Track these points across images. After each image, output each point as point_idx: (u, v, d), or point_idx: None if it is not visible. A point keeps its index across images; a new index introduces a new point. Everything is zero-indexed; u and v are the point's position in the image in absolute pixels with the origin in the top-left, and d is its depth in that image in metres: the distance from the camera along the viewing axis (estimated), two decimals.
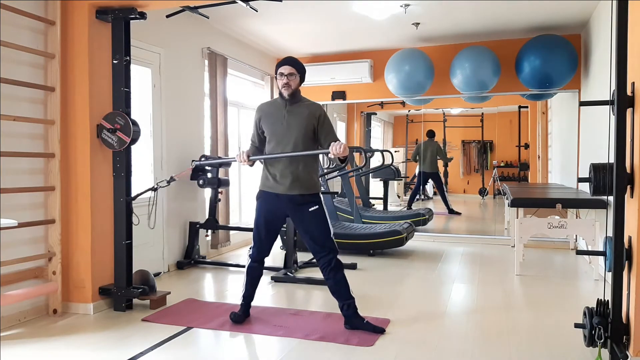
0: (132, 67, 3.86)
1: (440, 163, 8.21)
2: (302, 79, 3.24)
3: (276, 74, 3.22)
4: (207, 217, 5.39)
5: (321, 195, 3.30)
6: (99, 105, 3.68)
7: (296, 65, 3.20)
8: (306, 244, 3.29)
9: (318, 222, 3.20)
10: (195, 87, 5.48)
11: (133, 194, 3.80)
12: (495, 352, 2.88)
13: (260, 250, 3.34)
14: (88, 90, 3.60)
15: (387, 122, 9.03)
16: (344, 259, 3.33)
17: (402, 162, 8.84)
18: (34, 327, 3.32)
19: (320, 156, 6.18)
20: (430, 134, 7.99)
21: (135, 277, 3.82)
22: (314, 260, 5.04)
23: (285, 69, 3.16)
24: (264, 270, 4.93)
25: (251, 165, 3.27)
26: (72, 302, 3.65)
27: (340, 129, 8.36)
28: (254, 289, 3.43)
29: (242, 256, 5.82)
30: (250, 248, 3.40)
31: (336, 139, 3.13)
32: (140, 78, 4.67)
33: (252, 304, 3.49)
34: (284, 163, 3.18)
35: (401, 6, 5.04)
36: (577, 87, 6.09)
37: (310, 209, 3.20)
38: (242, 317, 3.36)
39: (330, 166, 6.34)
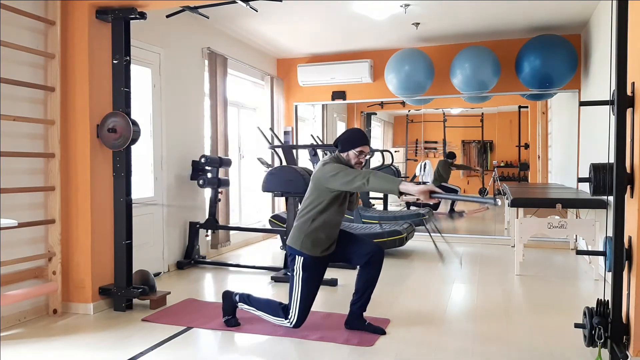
0: (132, 67, 3.86)
1: (453, 173, 8.28)
2: None
3: (351, 147, 3.09)
4: (207, 217, 5.39)
5: None
6: (99, 105, 3.68)
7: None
8: (351, 257, 3.21)
9: (349, 234, 3.26)
10: (195, 87, 5.48)
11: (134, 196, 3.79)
12: (495, 352, 2.88)
13: (307, 314, 3.17)
14: (88, 90, 3.60)
15: (387, 122, 9.03)
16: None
17: (402, 162, 8.84)
18: (34, 327, 3.32)
19: (320, 155, 6.19)
20: (449, 155, 8.11)
21: (135, 277, 3.82)
22: None
23: (366, 149, 3.13)
24: (263, 270, 4.96)
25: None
26: (72, 302, 3.65)
27: (340, 129, 8.37)
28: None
29: (242, 256, 5.82)
30: (289, 317, 3.13)
31: None
32: (140, 78, 4.67)
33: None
34: (340, 222, 3.19)
35: (401, 6, 5.04)
36: (577, 87, 6.10)
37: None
38: (237, 320, 3.35)
39: None
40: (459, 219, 8.31)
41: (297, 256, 3.10)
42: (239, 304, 3.31)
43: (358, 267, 3.23)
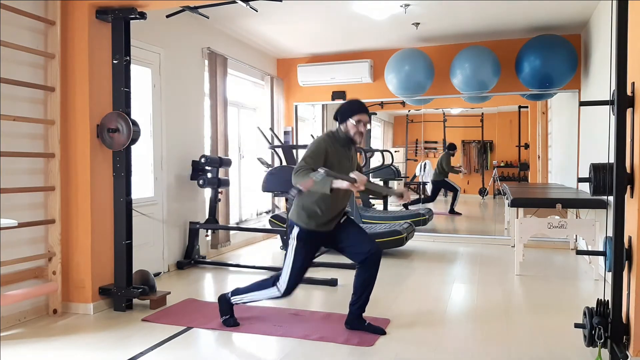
0: (132, 67, 3.86)
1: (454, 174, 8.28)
2: None
3: (349, 116, 3.07)
4: (207, 217, 5.39)
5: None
6: (99, 105, 3.68)
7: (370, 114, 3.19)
8: (350, 252, 3.22)
9: (354, 226, 3.26)
10: (195, 87, 5.48)
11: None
12: (495, 352, 2.88)
13: (297, 286, 3.21)
14: (88, 90, 3.60)
15: (387, 122, 9.03)
16: (344, 258, 3.32)
17: (402, 162, 8.84)
18: (34, 327, 3.32)
19: None
20: (449, 146, 8.08)
21: (135, 277, 3.82)
22: (314, 260, 5.05)
23: (365, 117, 3.09)
24: (263, 270, 4.96)
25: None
26: (72, 302, 3.65)
27: None
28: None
29: (242, 256, 5.82)
30: (277, 284, 3.17)
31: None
32: (140, 78, 4.67)
33: (253, 304, 3.49)
34: (340, 202, 3.16)
35: (401, 6, 5.04)
36: (577, 87, 6.10)
37: (341, 221, 3.24)
38: (235, 320, 3.35)
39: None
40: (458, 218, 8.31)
41: (294, 227, 3.16)
42: (232, 298, 3.32)
43: (356, 267, 3.22)
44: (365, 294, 3.19)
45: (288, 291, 3.16)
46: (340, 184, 2.79)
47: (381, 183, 8.18)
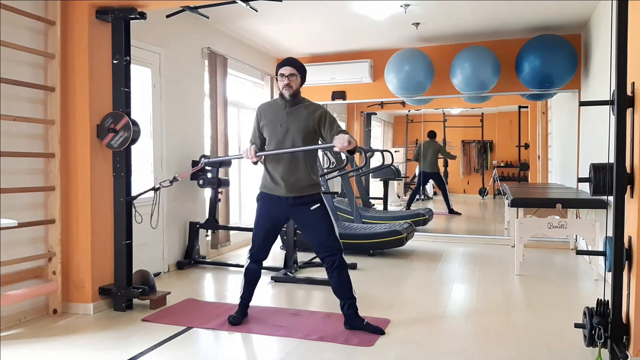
0: (132, 67, 3.86)
1: (440, 163, 8.22)
2: (303, 80, 3.24)
3: (277, 74, 3.21)
4: (207, 217, 5.39)
5: (322, 195, 3.29)
6: (99, 105, 3.68)
7: (297, 66, 3.19)
8: (310, 243, 3.28)
9: (320, 220, 3.19)
10: (195, 87, 5.48)
11: (134, 194, 3.80)
12: (495, 352, 2.88)
13: (259, 252, 3.33)
14: (88, 90, 3.60)
15: (387, 122, 9.03)
16: (344, 258, 3.32)
17: (402, 162, 8.84)
18: (34, 327, 3.32)
19: (320, 156, 6.18)
20: (431, 134, 8.00)
21: (135, 277, 3.82)
22: (315, 260, 5.05)
23: (286, 70, 3.15)
24: (263, 270, 4.96)
25: (255, 162, 3.23)
26: (72, 302, 3.65)
27: None
28: (252, 290, 3.42)
29: (242, 256, 5.81)
30: (249, 250, 3.37)
31: (341, 132, 3.05)
32: (140, 78, 4.67)
33: (252, 304, 3.49)
34: (285, 165, 3.17)
35: (401, 6, 5.04)
36: (577, 87, 6.09)
37: (311, 208, 3.19)
38: (240, 319, 3.35)
39: (330, 166, 6.34)
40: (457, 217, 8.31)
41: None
42: (240, 295, 3.40)
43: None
44: (344, 293, 3.21)
45: (251, 255, 3.33)
46: (244, 159, 3.22)
47: (381, 183, 8.20)
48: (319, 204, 3.20)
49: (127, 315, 3.57)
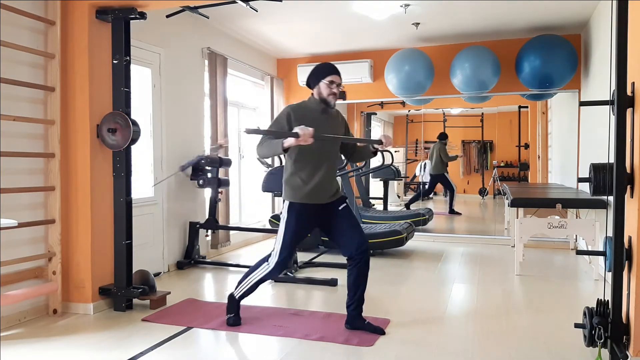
0: (132, 67, 3.86)
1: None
2: None
3: (320, 79, 3.07)
4: (207, 217, 5.39)
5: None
6: (99, 105, 3.68)
7: (340, 75, 3.18)
8: (339, 242, 3.19)
9: (352, 218, 3.21)
10: (195, 87, 5.48)
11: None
12: (495, 352, 2.88)
13: (288, 259, 3.20)
14: (88, 90, 3.60)
15: (387, 122, 9.03)
16: (344, 258, 3.32)
17: (402, 162, 8.84)
18: (34, 327, 3.32)
19: None
20: (440, 136, 8.03)
21: (135, 277, 3.82)
22: (315, 260, 5.05)
23: (337, 79, 3.08)
24: None
25: (294, 166, 3.09)
26: (72, 302, 3.65)
27: None
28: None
29: (242, 256, 5.82)
30: (268, 259, 3.21)
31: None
32: (140, 78, 4.67)
33: (252, 304, 3.49)
34: (326, 170, 3.12)
35: (401, 6, 5.04)
36: (577, 87, 6.10)
37: (340, 207, 3.20)
38: (239, 319, 3.35)
39: None
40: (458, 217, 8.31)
41: (284, 202, 3.18)
42: (235, 292, 3.32)
43: (348, 266, 3.22)
44: (359, 292, 3.19)
45: (278, 266, 3.16)
46: (288, 141, 2.83)
47: (381, 183, 8.20)
48: (345, 204, 3.24)
49: (127, 315, 3.57)
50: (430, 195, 8.85)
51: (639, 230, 2.45)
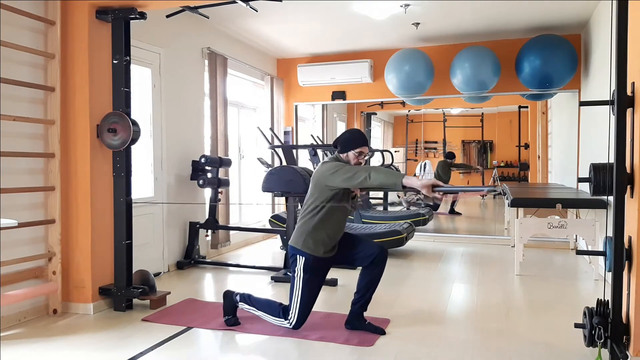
0: (132, 67, 3.86)
1: (453, 173, 8.27)
2: None
3: (350, 148, 3.09)
4: (207, 217, 5.39)
5: None
6: (99, 105, 3.68)
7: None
8: (356, 260, 3.21)
9: (352, 236, 3.26)
10: (195, 87, 5.48)
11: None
12: (495, 352, 2.88)
13: (307, 316, 3.15)
14: (88, 90, 3.60)
15: (387, 122, 9.03)
16: None
17: (403, 162, 8.84)
18: (34, 327, 3.32)
19: (320, 155, 6.19)
20: (448, 155, 8.10)
21: (135, 277, 3.82)
22: None
23: (366, 149, 3.13)
24: (263, 270, 4.97)
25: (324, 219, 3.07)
26: (72, 302, 3.65)
27: (340, 129, 8.37)
28: None
29: (242, 256, 5.82)
30: (289, 318, 3.12)
31: None
32: (140, 78, 4.67)
33: None
34: (344, 224, 3.17)
35: (401, 6, 5.04)
36: (577, 87, 6.10)
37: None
38: (238, 319, 3.35)
39: None
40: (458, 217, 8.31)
41: (298, 256, 3.09)
42: (240, 303, 3.31)
43: (361, 267, 3.22)
44: (369, 293, 3.20)
45: (299, 324, 3.12)
46: (411, 182, 2.74)
47: None
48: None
49: (127, 315, 3.57)
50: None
51: (639, 230, 2.45)
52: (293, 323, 3.11)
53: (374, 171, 2.84)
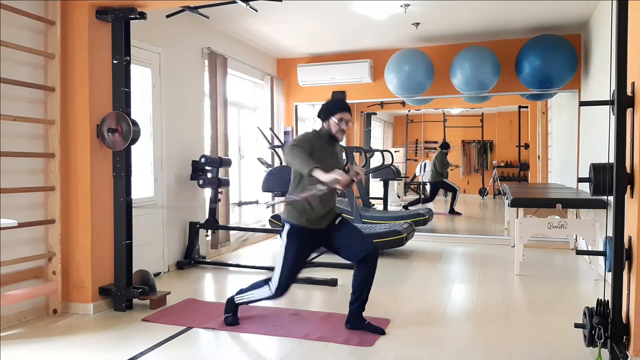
0: (132, 67, 3.86)
1: (454, 173, 8.27)
2: None
3: (331, 114, 3.13)
4: (207, 217, 5.39)
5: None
6: (99, 105, 3.68)
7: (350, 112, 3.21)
8: (347, 252, 3.22)
9: (349, 226, 3.26)
10: (195, 87, 5.48)
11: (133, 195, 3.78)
12: (495, 352, 2.88)
13: (290, 284, 3.21)
14: (88, 90, 3.60)
15: (387, 122, 9.03)
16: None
17: (403, 162, 8.84)
18: (34, 327, 3.32)
19: None
20: (442, 145, 8.08)
21: (135, 277, 3.82)
22: (314, 260, 5.05)
23: (347, 115, 3.15)
24: (263, 270, 4.96)
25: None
26: (72, 302, 3.65)
27: None
28: None
29: (242, 256, 5.82)
30: (269, 284, 3.18)
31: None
32: (140, 78, 4.67)
33: (253, 304, 3.49)
34: (328, 198, 3.15)
35: (401, 6, 5.04)
36: (577, 87, 6.10)
37: (336, 222, 3.24)
38: (237, 319, 3.36)
39: None
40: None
41: (285, 225, 3.16)
42: (235, 297, 3.34)
43: (355, 266, 3.22)
44: (365, 292, 3.20)
45: (279, 291, 3.15)
46: (319, 174, 2.75)
47: (381, 183, 8.19)
48: (340, 217, 3.28)
49: (127, 315, 3.57)
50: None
51: (639, 230, 2.45)
52: (274, 290, 3.15)
53: (293, 156, 2.87)
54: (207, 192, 5.50)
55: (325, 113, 3.19)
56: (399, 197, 8.92)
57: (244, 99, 6.70)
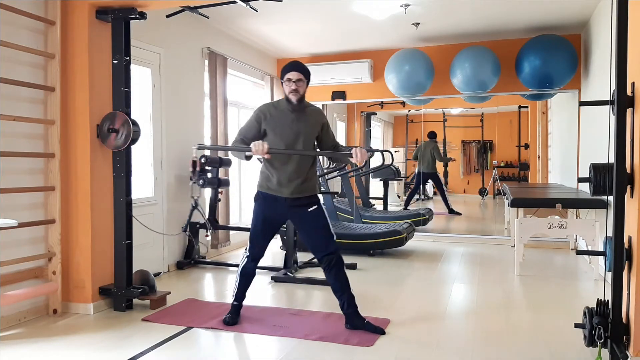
0: (132, 67, 3.86)
1: (441, 163, 8.23)
2: (308, 84, 3.24)
3: (282, 78, 3.19)
4: (207, 217, 5.39)
5: (319, 196, 3.34)
6: (99, 105, 3.68)
7: (304, 71, 3.18)
8: (307, 244, 3.33)
9: (318, 221, 3.24)
10: (195, 87, 5.48)
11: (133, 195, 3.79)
12: (495, 352, 2.88)
13: (258, 251, 3.34)
14: (88, 90, 3.60)
15: (387, 122, 9.03)
16: (344, 259, 3.32)
17: (403, 162, 8.85)
18: (34, 327, 3.32)
19: (320, 157, 6.19)
20: (431, 134, 8.02)
21: (135, 277, 3.82)
22: (314, 260, 5.05)
23: (294, 75, 3.13)
24: (263, 270, 4.96)
25: (264, 158, 3.11)
26: (72, 302, 3.65)
27: (340, 129, 8.37)
28: (246, 289, 3.42)
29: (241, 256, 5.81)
30: (246, 249, 3.37)
31: (337, 144, 3.32)
32: (140, 78, 4.67)
33: (252, 304, 3.49)
34: (294, 167, 3.16)
35: (401, 6, 5.04)
36: (577, 87, 6.09)
37: (309, 209, 3.23)
38: (236, 319, 3.36)
39: (330, 166, 6.34)
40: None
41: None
42: (233, 293, 3.40)
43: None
44: (346, 292, 3.22)
45: (250, 251, 3.33)
46: (249, 152, 3.04)
47: (381, 183, 8.20)
48: (316, 206, 3.26)
49: (127, 315, 3.57)
50: (430, 195, 8.85)
51: (639, 230, 2.45)
52: (247, 252, 3.34)
53: (232, 155, 3.23)
54: (207, 192, 5.50)
55: (281, 79, 3.25)
56: (399, 197, 8.92)
57: (244, 99, 6.70)
